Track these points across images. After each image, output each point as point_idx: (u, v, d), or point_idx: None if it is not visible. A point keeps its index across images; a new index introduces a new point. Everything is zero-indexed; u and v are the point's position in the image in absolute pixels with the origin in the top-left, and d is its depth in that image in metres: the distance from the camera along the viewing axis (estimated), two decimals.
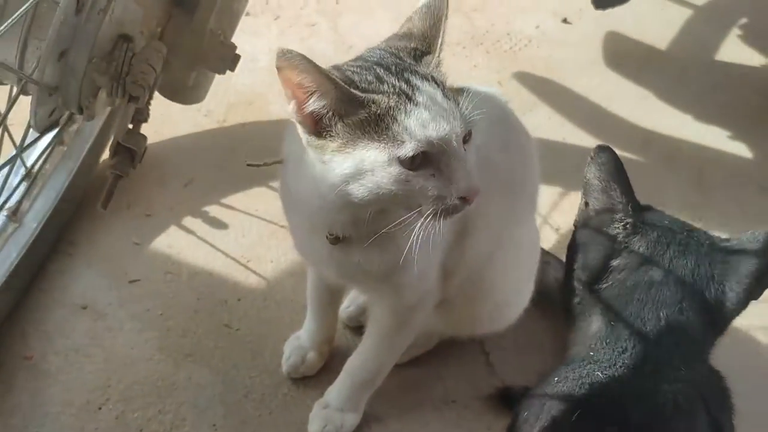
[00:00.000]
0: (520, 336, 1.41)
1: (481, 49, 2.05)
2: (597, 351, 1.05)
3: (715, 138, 1.91)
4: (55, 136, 1.49)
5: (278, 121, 1.74)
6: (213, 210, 1.59)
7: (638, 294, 1.02)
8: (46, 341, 1.36)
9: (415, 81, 0.93)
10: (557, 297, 1.49)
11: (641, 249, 1.04)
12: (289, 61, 0.89)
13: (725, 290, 1.01)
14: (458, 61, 1.98)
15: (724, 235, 1.09)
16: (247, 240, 1.55)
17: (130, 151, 1.42)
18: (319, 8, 2.10)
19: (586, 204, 1.09)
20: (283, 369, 1.35)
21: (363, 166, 0.91)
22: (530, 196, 1.27)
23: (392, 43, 1.00)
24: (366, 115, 0.91)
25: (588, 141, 1.86)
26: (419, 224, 0.92)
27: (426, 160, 0.91)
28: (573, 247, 1.12)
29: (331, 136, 0.92)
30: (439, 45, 0.98)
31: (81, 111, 1.29)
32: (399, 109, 0.91)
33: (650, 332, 1.01)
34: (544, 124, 1.87)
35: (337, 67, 0.96)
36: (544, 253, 1.49)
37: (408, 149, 0.90)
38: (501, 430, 1.22)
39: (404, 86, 0.92)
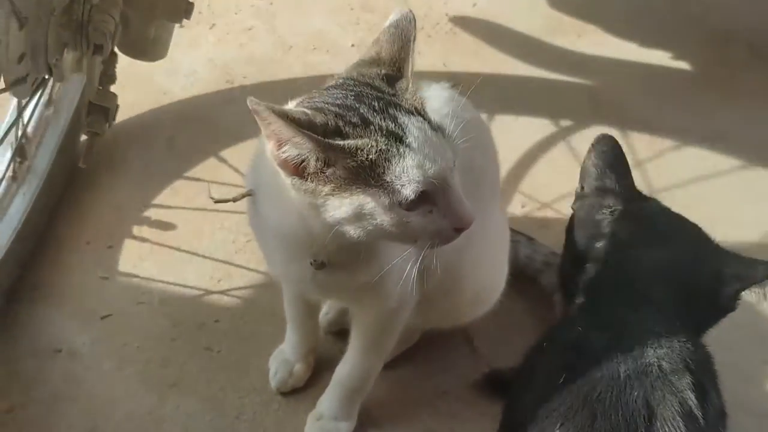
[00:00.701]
0: (500, 318, 1.42)
1: (422, 34, 2.04)
2: (581, 320, 1.08)
3: (659, 60, 2.06)
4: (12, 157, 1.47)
5: (229, 138, 1.71)
6: (176, 233, 1.56)
7: (616, 273, 1.06)
8: (24, 391, 1.33)
9: (402, 118, 0.90)
10: (531, 273, 1.52)
11: (622, 235, 1.07)
12: (258, 114, 0.86)
13: (700, 290, 1.05)
14: None
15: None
16: (215, 258, 1.53)
17: (103, 109, 1.49)
18: (254, 11, 2.06)
19: (582, 188, 1.13)
20: (272, 385, 1.34)
21: (362, 211, 0.90)
22: (492, 183, 1.27)
23: (363, 70, 0.97)
24: (358, 161, 0.88)
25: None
26: (416, 257, 0.94)
27: (423, 198, 0.90)
28: (568, 230, 1.16)
29: (319, 180, 0.90)
30: (410, 69, 0.96)
31: (50, 71, 1.30)
32: (392, 153, 0.88)
33: (627, 305, 1.05)
34: (493, 101, 1.87)
35: (319, 109, 0.91)
36: (514, 232, 1.50)
37: (409, 193, 0.88)
38: (494, 415, 1.23)
39: (392, 126, 0.90)
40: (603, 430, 0.93)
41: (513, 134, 1.79)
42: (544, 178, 1.72)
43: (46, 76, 1.33)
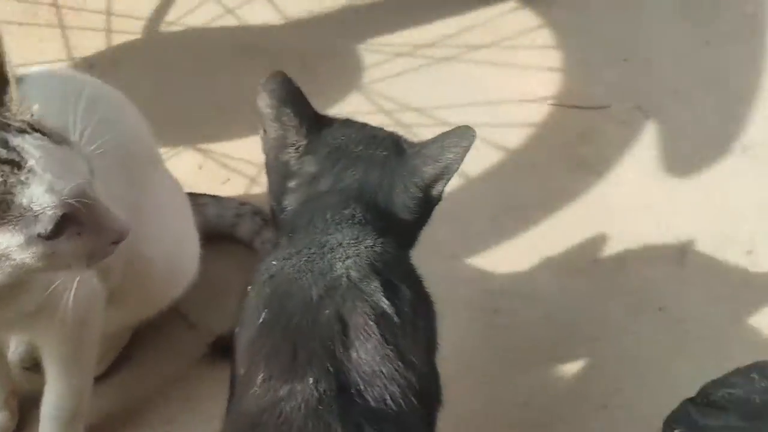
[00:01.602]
0: (208, 284, 1.38)
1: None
2: (277, 255, 1.07)
3: None
4: None
5: None
6: None
7: (309, 205, 1.06)
8: None
9: (15, 140, 0.80)
10: (225, 230, 1.50)
11: (311, 168, 1.07)
12: None
13: (393, 199, 1.06)
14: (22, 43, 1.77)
15: None
16: None
17: None
18: None
19: (265, 132, 1.09)
20: None
21: None
22: (144, 156, 1.21)
23: None
24: None
25: None
26: (73, 281, 0.88)
27: (65, 221, 0.81)
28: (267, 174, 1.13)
29: None
30: (9, 73, 0.84)
31: None
32: (12, 184, 0.78)
33: (320, 230, 1.05)
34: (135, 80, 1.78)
35: None
36: (199, 196, 1.47)
37: (46, 223, 0.79)
38: None
39: (4, 153, 0.79)
40: (304, 360, 0.92)
41: None
42: None
43: None
